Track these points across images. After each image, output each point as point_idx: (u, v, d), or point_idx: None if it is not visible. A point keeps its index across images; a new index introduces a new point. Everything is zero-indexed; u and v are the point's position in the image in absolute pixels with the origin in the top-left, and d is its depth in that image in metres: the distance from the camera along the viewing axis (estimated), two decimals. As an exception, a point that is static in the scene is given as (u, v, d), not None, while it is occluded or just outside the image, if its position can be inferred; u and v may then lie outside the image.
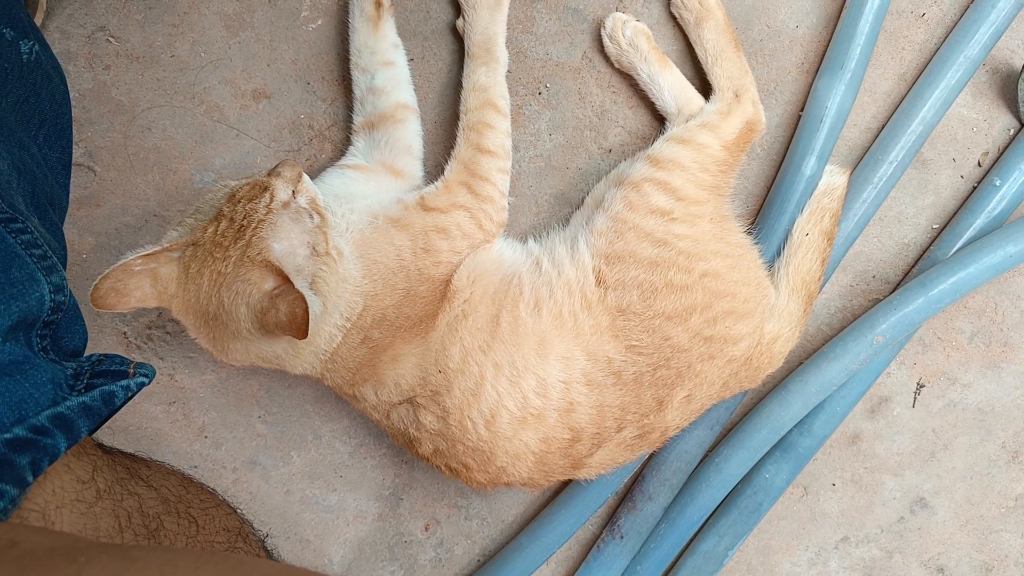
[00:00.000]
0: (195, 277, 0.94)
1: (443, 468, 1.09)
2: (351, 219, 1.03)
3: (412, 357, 1.04)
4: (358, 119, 1.16)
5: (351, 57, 1.16)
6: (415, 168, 1.16)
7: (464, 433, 1.04)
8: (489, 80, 1.12)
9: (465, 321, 1.04)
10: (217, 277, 0.93)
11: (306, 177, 1.00)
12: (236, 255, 0.92)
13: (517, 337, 1.03)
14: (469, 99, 1.11)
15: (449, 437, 1.05)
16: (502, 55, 1.14)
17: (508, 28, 1.19)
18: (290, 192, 0.97)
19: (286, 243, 0.95)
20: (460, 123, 1.12)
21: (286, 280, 0.91)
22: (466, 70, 1.13)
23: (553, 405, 1.03)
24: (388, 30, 1.15)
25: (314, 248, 0.96)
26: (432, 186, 1.09)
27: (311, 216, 0.97)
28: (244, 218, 0.94)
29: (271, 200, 0.95)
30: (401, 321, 1.03)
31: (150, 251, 0.94)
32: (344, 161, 1.16)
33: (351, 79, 1.16)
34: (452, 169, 1.09)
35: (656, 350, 1.03)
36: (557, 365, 1.03)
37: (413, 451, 1.10)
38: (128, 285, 0.94)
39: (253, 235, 0.93)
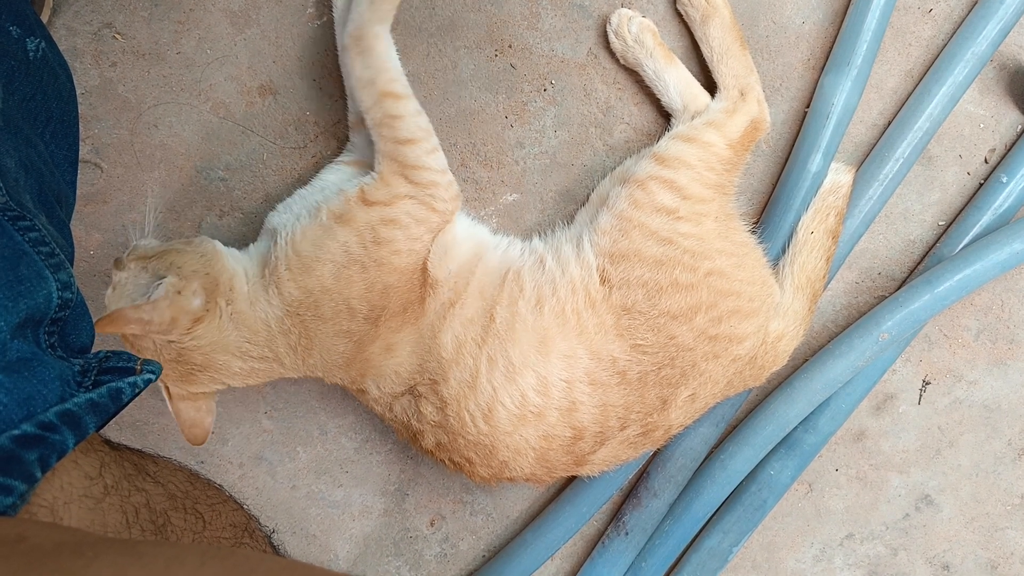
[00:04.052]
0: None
1: (447, 462, 1.10)
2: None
3: (406, 345, 1.04)
4: (351, 115, 1.16)
5: (339, 52, 1.13)
6: None
7: (463, 426, 1.04)
8: (369, 71, 1.02)
9: (452, 310, 1.04)
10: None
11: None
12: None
13: (514, 333, 1.03)
14: (362, 96, 1.03)
15: (449, 430, 1.05)
16: (376, 43, 1.02)
17: (513, 24, 1.19)
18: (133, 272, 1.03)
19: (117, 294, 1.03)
20: (367, 121, 1.05)
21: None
22: (346, 67, 1.07)
23: (554, 404, 1.03)
24: None
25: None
26: (369, 176, 1.06)
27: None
28: None
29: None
30: (377, 312, 1.03)
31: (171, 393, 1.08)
32: (341, 157, 1.17)
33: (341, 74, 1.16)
34: (381, 163, 1.05)
35: (661, 349, 1.03)
36: (559, 363, 1.03)
37: (417, 445, 1.10)
38: (194, 416, 1.11)
39: None
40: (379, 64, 1.02)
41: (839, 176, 1.18)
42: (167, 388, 1.08)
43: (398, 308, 1.04)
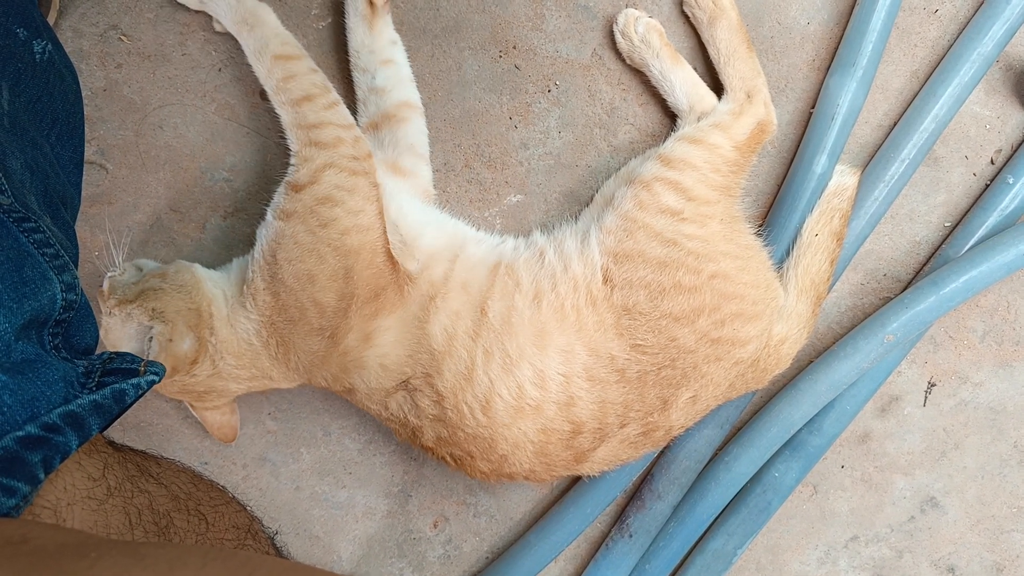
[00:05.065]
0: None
1: (447, 458, 1.09)
2: None
3: (388, 334, 1.04)
4: (362, 120, 1.16)
5: (350, 58, 1.16)
6: (419, 167, 1.17)
7: (462, 418, 1.04)
8: (260, 40, 1.07)
9: (434, 302, 1.04)
10: None
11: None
12: None
13: (510, 327, 1.03)
14: (258, 68, 1.07)
15: (449, 423, 1.05)
16: (267, 15, 1.09)
17: (518, 26, 1.19)
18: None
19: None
20: (268, 95, 1.08)
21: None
22: (243, 47, 1.10)
23: (552, 397, 1.03)
24: (384, 27, 1.15)
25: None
26: (290, 167, 1.06)
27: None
28: None
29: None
30: (347, 301, 1.03)
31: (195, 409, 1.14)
32: None
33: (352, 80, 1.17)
34: (290, 139, 1.05)
35: (662, 350, 1.03)
36: (557, 358, 1.03)
37: (417, 443, 1.10)
38: (220, 419, 1.16)
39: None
40: (267, 32, 1.07)
41: (844, 178, 1.18)
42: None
43: (368, 294, 1.03)
